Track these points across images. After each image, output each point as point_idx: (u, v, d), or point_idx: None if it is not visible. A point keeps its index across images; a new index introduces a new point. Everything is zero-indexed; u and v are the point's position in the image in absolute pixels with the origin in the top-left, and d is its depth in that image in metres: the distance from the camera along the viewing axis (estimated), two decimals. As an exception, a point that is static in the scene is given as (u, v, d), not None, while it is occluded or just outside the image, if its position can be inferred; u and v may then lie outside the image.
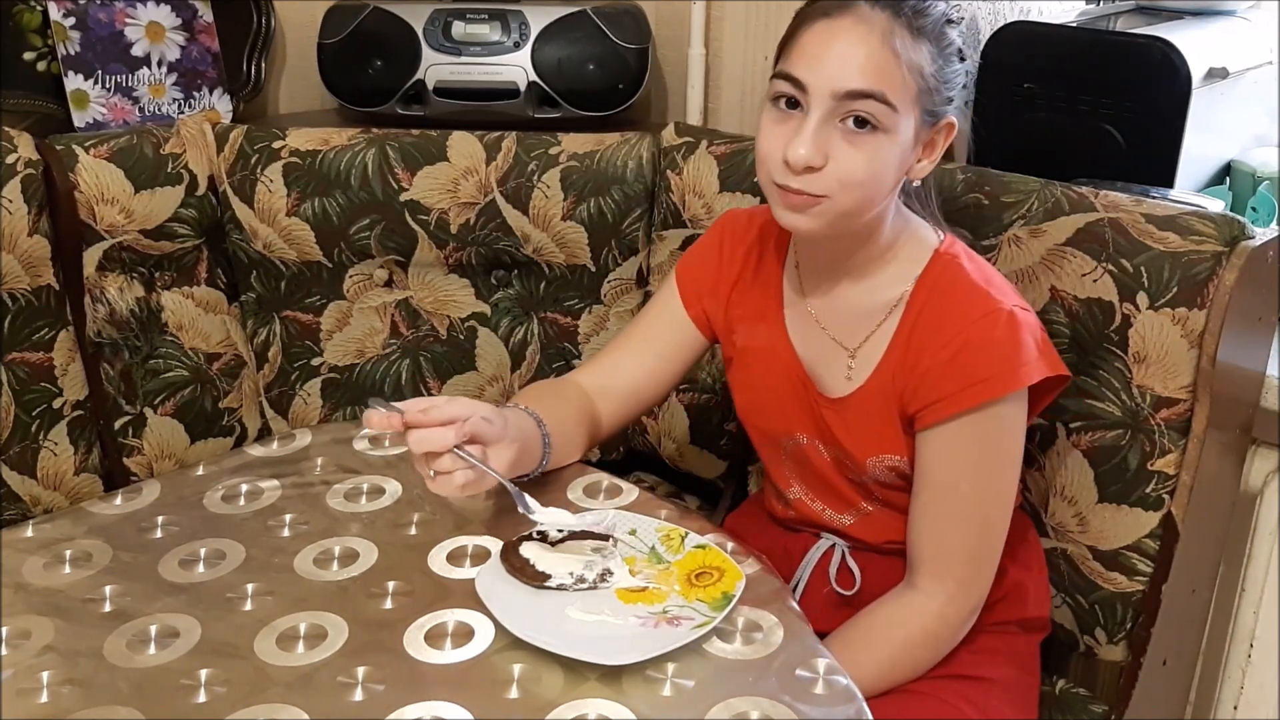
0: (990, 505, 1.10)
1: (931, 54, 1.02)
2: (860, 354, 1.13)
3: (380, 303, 1.61)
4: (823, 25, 1.02)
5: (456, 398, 1.02)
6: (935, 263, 1.11)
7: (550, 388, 1.24)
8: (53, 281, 1.43)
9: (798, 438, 1.19)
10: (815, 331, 1.16)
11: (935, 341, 1.07)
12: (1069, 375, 1.10)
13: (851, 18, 1.01)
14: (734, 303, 1.23)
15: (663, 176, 1.55)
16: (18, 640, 0.94)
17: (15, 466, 1.43)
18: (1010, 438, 1.09)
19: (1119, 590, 1.23)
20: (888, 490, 1.15)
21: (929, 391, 1.06)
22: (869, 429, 1.12)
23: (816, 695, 0.88)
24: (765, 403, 1.21)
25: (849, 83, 0.99)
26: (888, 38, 1.00)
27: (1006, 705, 1.16)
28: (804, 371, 1.17)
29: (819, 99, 1.00)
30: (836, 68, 1.00)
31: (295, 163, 1.53)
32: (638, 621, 0.95)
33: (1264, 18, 1.71)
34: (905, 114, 1.01)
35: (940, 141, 1.07)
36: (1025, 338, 1.05)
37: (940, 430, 1.07)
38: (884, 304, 1.12)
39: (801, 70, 1.01)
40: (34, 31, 1.57)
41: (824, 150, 1.01)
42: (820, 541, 1.23)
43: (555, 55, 1.63)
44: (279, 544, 1.07)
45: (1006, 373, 1.04)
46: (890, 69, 1.00)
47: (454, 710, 0.86)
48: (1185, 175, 1.44)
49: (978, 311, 1.06)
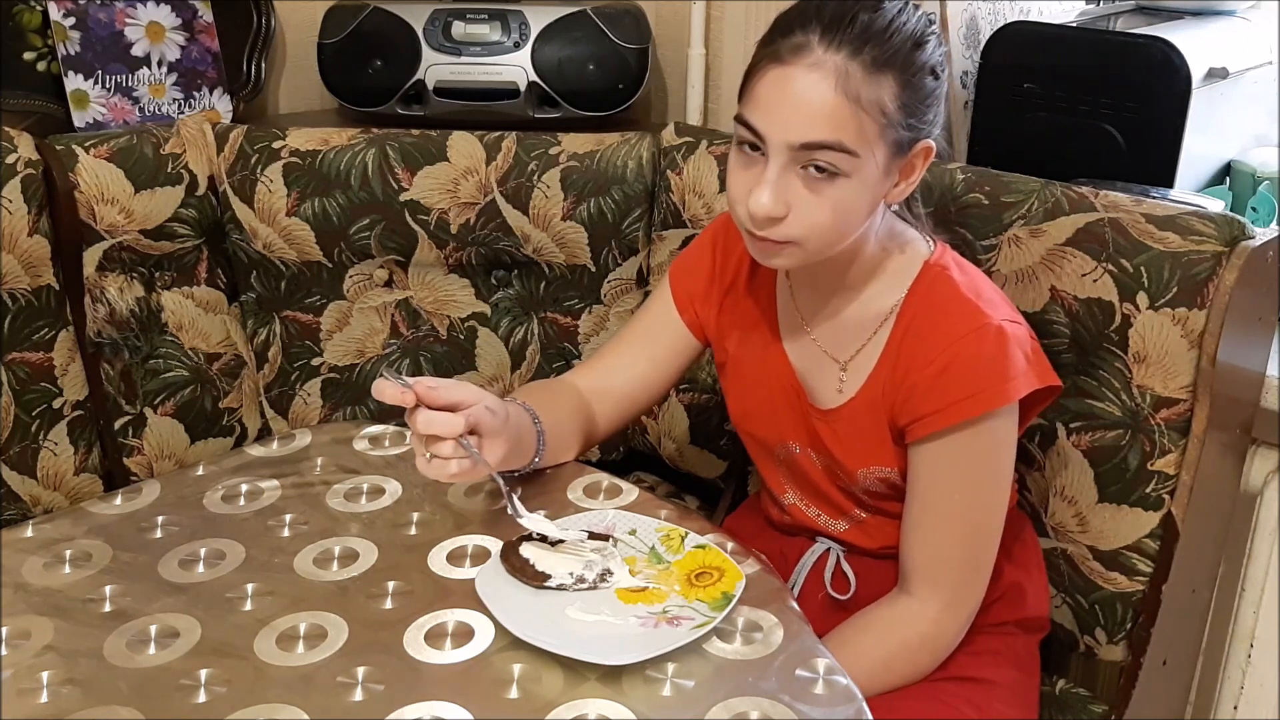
0: (982, 516, 1.09)
1: (897, 83, 0.98)
2: (851, 366, 1.13)
3: (380, 303, 1.61)
4: (776, 73, 0.99)
5: (465, 383, 1.02)
6: (925, 274, 1.10)
7: (547, 387, 1.24)
8: (53, 281, 1.43)
9: (790, 446, 1.19)
10: (807, 343, 1.16)
11: (924, 356, 1.06)
12: (1060, 385, 1.10)
13: (803, 65, 0.97)
14: (727, 309, 1.22)
15: (663, 176, 1.55)
16: (18, 640, 0.94)
17: (15, 466, 1.43)
18: (1000, 450, 1.09)
19: (1119, 590, 1.24)
20: (880, 500, 1.15)
21: (918, 406, 1.06)
22: (860, 441, 1.12)
23: (816, 695, 0.88)
24: (758, 410, 1.21)
25: (803, 135, 0.97)
26: (843, 82, 0.96)
27: (1007, 706, 1.16)
28: (797, 382, 1.17)
29: (776, 149, 0.99)
30: (790, 119, 0.98)
31: (295, 163, 1.53)
32: (638, 621, 0.95)
33: (1264, 18, 1.71)
34: (869, 154, 0.99)
35: (919, 164, 1.05)
36: (1014, 351, 1.04)
37: (930, 444, 1.07)
38: (875, 316, 1.11)
39: (758, 119, 0.99)
40: (34, 31, 1.57)
41: (785, 199, 1.00)
42: (815, 546, 1.23)
43: (555, 55, 1.63)
44: (279, 544, 1.07)
45: (994, 388, 1.04)
46: (845, 117, 0.97)
47: (454, 710, 0.86)
48: (1185, 175, 1.44)
49: (966, 326, 1.05)
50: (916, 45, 1.00)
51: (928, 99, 1.02)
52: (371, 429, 1.27)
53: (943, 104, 1.05)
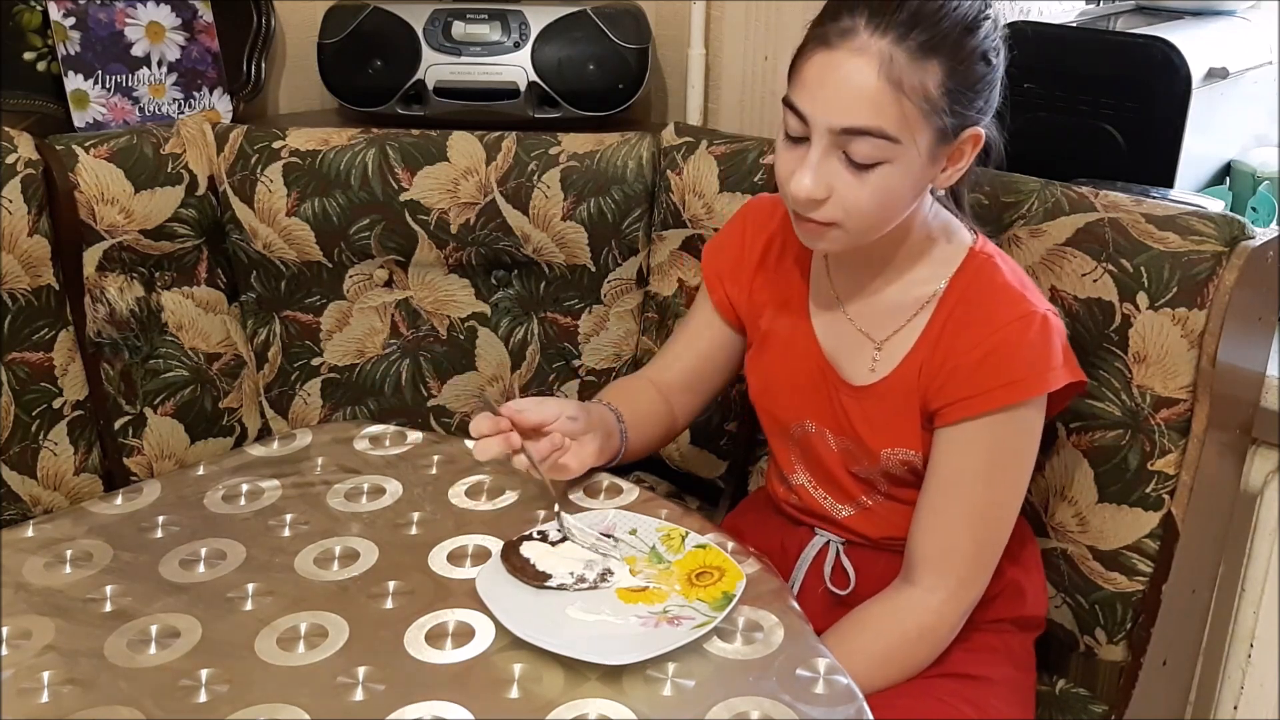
0: (999, 507, 1.10)
1: (944, 69, 0.98)
2: (887, 346, 1.13)
3: (380, 303, 1.61)
4: (821, 56, 1.00)
5: (545, 400, 1.12)
6: (970, 261, 1.11)
7: (627, 384, 1.30)
8: (53, 281, 1.43)
9: (806, 425, 1.19)
10: (841, 321, 1.17)
11: (967, 340, 1.07)
12: (1086, 381, 1.11)
13: (848, 49, 0.98)
14: (758, 287, 1.23)
15: (663, 176, 1.55)
16: (18, 640, 0.94)
17: (15, 466, 1.42)
18: (1027, 441, 1.10)
19: (1119, 590, 1.24)
20: (895, 485, 1.16)
21: (956, 389, 1.07)
22: (887, 420, 1.13)
23: (817, 695, 0.88)
24: (778, 387, 1.22)
25: (844, 119, 0.99)
26: (887, 67, 0.97)
27: (1005, 704, 1.16)
28: (825, 360, 1.17)
29: (819, 132, 1.00)
30: (832, 103, 0.99)
31: (295, 163, 1.53)
32: (638, 621, 0.95)
33: (1264, 18, 1.71)
34: (911, 140, 0.99)
35: (968, 150, 1.05)
36: (1055, 342, 1.06)
37: (962, 428, 1.07)
38: (915, 300, 1.12)
39: (803, 102, 1.01)
40: (34, 31, 1.57)
41: (827, 182, 1.01)
42: (815, 539, 1.24)
43: (555, 55, 1.63)
44: (279, 544, 1.07)
45: (1035, 376, 1.05)
46: (887, 102, 0.97)
47: (454, 710, 0.86)
48: (1185, 175, 1.44)
49: (1013, 313, 1.06)
50: (968, 30, 1.00)
51: (978, 85, 1.02)
52: (372, 429, 1.27)
53: (996, 90, 1.05)
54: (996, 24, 1.04)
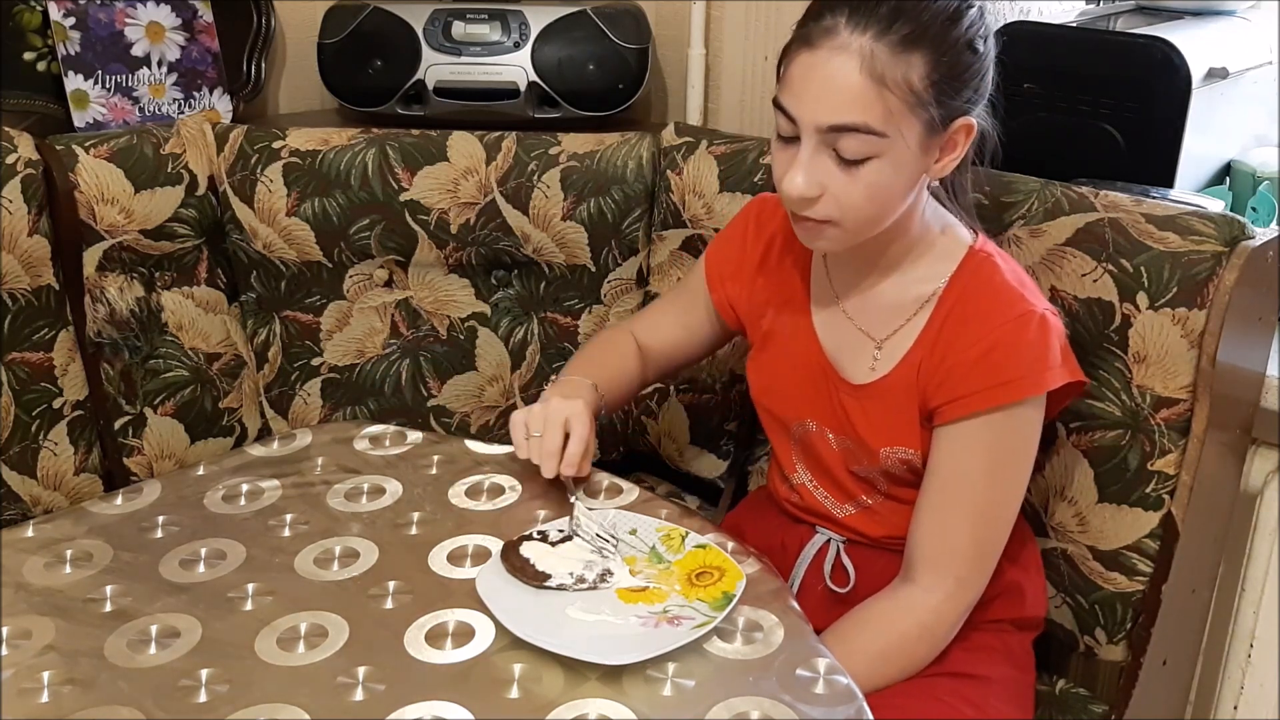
0: (999, 505, 1.10)
1: (928, 61, 0.99)
2: (887, 345, 1.14)
3: (380, 303, 1.61)
4: (805, 56, 1.01)
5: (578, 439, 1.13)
6: (970, 259, 1.11)
7: (611, 344, 1.33)
8: (53, 281, 1.43)
9: (807, 424, 1.20)
10: (842, 320, 1.17)
11: (966, 339, 1.07)
12: (1086, 381, 1.11)
13: (830, 48, 0.99)
14: (760, 287, 1.24)
15: (663, 176, 1.55)
16: (18, 640, 0.94)
17: (15, 466, 1.42)
18: (1027, 440, 1.10)
19: (1119, 590, 1.24)
20: (895, 484, 1.16)
21: (955, 387, 1.07)
22: (886, 419, 1.13)
23: (817, 695, 0.88)
24: (779, 386, 1.22)
25: (829, 117, 0.99)
26: (868, 63, 0.97)
27: (1004, 703, 1.16)
28: (825, 359, 1.17)
29: (807, 131, 1.01)
30: (817, 102, 1.00)
31: (295, 163, 1.53)
32: (638, 621, 0.95)
33: (1264, 18, 1.71)
34: (898, 133, 1.00)
35: (961, 140, 1.06)
36: (1054, 342, 1.07)
37: (960, 426, 1.07)
38: (915, 298, 1.12)
39: (789, 102, 1.02)
40: (34, 31, 1.57)
41: (819, 180, 1.02)
42: (815, 537, 1.24)
43: (555, 55, 1.63)
44: (279, 544, 1.07)
45: (1033, 375, 1.06)
46: (871, 98, 0.98)
47: (454, 710, 0.86)
48: (1185, 175, 1.44)
49: (1012, 312, 1.06)
50: (951, 20, 1.00)
51: (964, 74, 1.02)
52: (372, 429, 1.27)
53: (986, 78, 1.05)
54: (982, 12, 1.04)
